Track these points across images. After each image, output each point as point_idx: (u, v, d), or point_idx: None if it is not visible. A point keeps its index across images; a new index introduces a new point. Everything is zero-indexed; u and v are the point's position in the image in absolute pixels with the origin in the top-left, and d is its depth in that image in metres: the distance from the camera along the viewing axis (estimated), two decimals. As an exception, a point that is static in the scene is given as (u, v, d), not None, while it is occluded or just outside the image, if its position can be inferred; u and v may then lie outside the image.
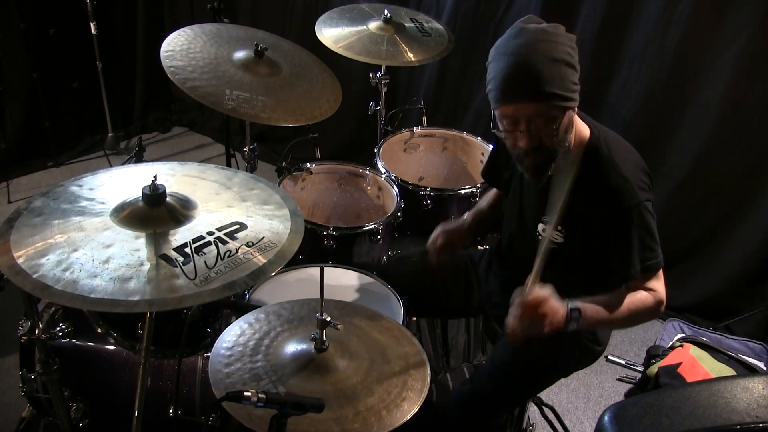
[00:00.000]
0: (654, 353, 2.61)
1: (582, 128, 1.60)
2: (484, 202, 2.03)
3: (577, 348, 1.80)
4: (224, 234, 1.31)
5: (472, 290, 2.03)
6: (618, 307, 1.57)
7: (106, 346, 1.78)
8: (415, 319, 2.29)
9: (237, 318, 1.56)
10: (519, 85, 1.45)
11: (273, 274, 1.92)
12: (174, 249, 1.26)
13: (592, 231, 1.58)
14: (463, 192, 2.42)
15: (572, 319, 1.52)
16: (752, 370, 2.49)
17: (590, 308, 1.55)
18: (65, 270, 1.19)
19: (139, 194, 1.33)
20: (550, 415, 2.20)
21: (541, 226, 1.68)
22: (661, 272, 1.61)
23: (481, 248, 2.35)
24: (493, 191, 2.02)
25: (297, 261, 2.11)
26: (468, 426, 1.79)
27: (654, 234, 1.57)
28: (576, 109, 1.53)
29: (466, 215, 1.96)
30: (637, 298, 1.58)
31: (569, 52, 1.47)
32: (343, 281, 2.01)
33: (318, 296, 1.42)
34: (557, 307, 1.51)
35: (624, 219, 1.53)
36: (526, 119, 1.47)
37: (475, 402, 1.79)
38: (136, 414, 1.46)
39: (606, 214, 1.54)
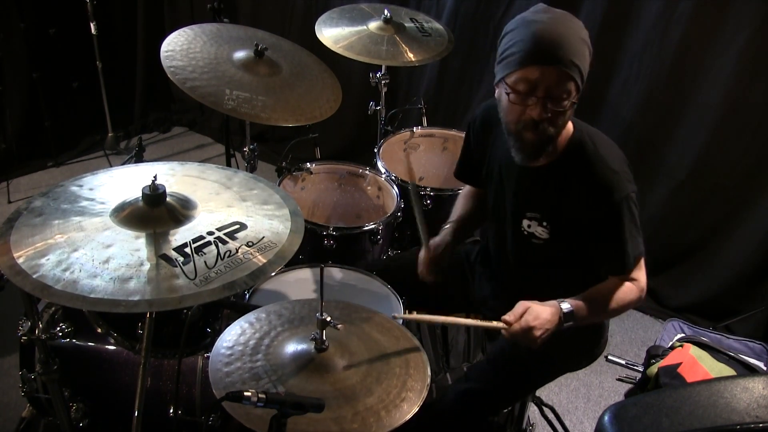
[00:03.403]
0: (654, 353, 2.60)
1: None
2: (460, 209, 1.97)
3: (576, 347, 1.80)
4: (224, 234, 1.31)
5: (470, 287, 2.02)
6: (606, 300, 1.60)
7: (106, 346, 1.78)
8: (415, 318, 2.29)
9: (237, 318, 1.56)
10: (550, 49, 1.42)
11: (273, 274, 1.92)
12: (174, 249, 1.26)
13: (580, 226, 1.58)
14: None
15: (566, 320, 1.56)
16: (752, 370, 2.48)
17: (581, 307, 1.58)
18: (65, 270, 1.19)
19: (139, 194, 1.33)
20: (550, 415, 2.20)
21: (525, 222, 1.67)
22: (642, 260, 1.63)
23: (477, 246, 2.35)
24: (465, 195, 2.00)
25: (297, 261, 2.11)
26: (466, 422, 1.78)
27: (638, 225, 1.59)
28: None
29: (447, 228, 1.89)
30: (623, 290, 1.61)
31: (588, 41, 1.50)
32: (343, 281, 2.01)
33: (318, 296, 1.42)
34: (546, 319, 1.53)
35: (615, 212, 1.54)
36: (545, 87, 1.44)
37: (472, 398, 1.79)
38: (136, 414, 1.46)
39: (596, 208, 1.54)
